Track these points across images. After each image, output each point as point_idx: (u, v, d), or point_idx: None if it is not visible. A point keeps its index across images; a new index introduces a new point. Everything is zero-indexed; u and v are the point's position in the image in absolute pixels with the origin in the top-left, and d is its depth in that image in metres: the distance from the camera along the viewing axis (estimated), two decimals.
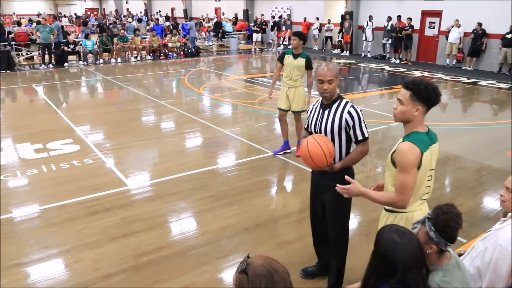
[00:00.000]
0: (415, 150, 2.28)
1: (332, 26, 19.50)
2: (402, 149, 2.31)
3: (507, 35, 13.55)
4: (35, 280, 3.46)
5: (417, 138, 2.32)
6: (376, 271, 1.91)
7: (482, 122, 8.48)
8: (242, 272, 1.51)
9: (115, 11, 37.37)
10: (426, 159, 2.33)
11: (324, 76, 2.88)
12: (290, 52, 5.91)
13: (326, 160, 2.76)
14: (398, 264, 1.83)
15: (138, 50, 17.43)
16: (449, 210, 2.04)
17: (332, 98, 2.97)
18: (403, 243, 1.85)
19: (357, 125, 2.88)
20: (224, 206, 4.75)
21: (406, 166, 2.29)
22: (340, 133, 2.93)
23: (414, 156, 2.28)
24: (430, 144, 2.37)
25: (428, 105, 2.33)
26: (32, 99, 10.64)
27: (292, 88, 5.99)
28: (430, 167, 2.40)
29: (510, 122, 8.18)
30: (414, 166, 2.29)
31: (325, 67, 2.92)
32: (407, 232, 1.94)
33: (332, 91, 2.92)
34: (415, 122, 2.36)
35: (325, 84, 2.89)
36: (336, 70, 2.92)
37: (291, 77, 5.93)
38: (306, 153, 2.79)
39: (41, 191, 5.13)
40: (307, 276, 3.53)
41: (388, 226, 2.00)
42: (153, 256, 3.77)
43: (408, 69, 15.00)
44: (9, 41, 16.24)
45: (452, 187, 5.50)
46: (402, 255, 1.83)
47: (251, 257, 1.58)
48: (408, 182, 2.29)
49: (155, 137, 7.35)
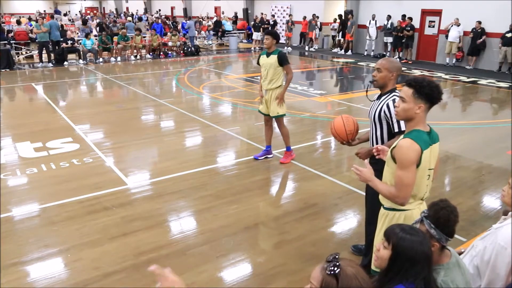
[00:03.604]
0: (415, 147, 2.29)
1: (337, 25, 19.45)
2: (402, 145, 2.32)
3: (506, 34, 13.55)
4: (34, 279, 3.46)
5: (418, 136, 2.32)
6: (393, 271, 1.84)
7: (481, 121, 8.48)
8: (333, 275, 1.41)
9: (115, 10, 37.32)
10: (426, 158, 2.33)
11: (376, 64, 3.18)
12: (264, 53, 5.72)
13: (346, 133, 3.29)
14: (417, 261, 1.79)
15: (138, 49, 17.41)
16: (446, 205, 2.06)
17: (384, 88, 3.16)
18: (418, 241, 1.81)
19: (393, 117, 3.03)
20: (223, 205, 4.75)
21: (405, 162, 2.29)
22: (381, 122, 3.15)
23: (414, 152, 2.28)
24: (430, 143, 2.37)
25: (431, 103, 2.33)
26: (31, 98, 10.63)
27: (269, 91, 5.71)
28: (429, 166, 2.40)
29: (510, 121, 8.17)
30: (413, 162, 2.29)
31: (382, 58, 3.21)
32: (418, 229, 1.92)
33: (380, 79, 3.13)
34: (417, 119, 2.36)
35: (375, 71, 3.16)
36: (388, 62, 3.12)
37: (266, 77, 5.64)
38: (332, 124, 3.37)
39: (41, 190, 5.13)
40: (355, 253, 3.82)
41: (398, 226, 1.94)
42: (153, 255, 3.77)
43: (408, 68, 14.99)
44: (9, 40, 16.23)
45: (452, 186, 5.50)
46: (419, 252, 1.79)
47: (342, 260, 1.47)
48: (407, 178, 2.30)
49: (154, 136, 7.35)
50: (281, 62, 5.52)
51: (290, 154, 6.07)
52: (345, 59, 17.68)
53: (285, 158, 6.03)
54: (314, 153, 6.67)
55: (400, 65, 3.19)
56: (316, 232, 4.20)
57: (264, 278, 3.49)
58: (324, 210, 4.70)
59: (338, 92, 11.90)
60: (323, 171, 5.76)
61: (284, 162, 5.99)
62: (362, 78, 13.82)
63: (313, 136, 7.48)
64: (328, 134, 7.48)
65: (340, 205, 4.80)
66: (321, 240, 4.06)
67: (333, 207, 4.78)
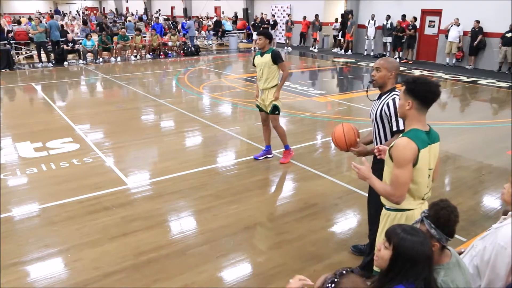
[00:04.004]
0: (411, 146, 2.30)
1: (338, 25, 19.44)
2: (399, 144, 2.34)
3: (506, 34, 13.54)
4: (34, 279, 3.46)
5: (416, 135, 2.33)
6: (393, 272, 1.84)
7: (481, 121, 8.48)
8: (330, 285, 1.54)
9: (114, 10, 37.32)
10: (424, 157, 2.33)
11: (374, 64, 3.21)
12: (259, 53, 5.75)
13: (346, 144, 3.28)
14: (417, 262, 1.79)
15: (138, 49, 17.41)
16: (447, 205, 2.06)
17: (384, 88, 3.19)
18: (419, 241, 1.82)
19: (392, 116, 3.08)
20: (223, 205, 4.75)
21: (401, 161, 2.31)
22: (382, 121, 3.18)
23: (410, 151, 2.29)
24: (429, 143, 2.37)
25: (421, 101, 2.35)
26: (31, 98, 10.63)
27: (265, 91, 5.75)
28: (429, 166, 2.40)
29: (510, 121, 8.17)
30: (409, 161, 2.30)
31: (381, 58, 3.25)
32: (419, 230, 1.92)
33: (379, 79, 3.16)
34: (411, 117, 2.39)
35: (374, 70, 3.20)
36: (387, 62, 3.15)
37: (261, 76, 5.68)
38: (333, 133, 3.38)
39: (41, 190, 5.13)
40: (355, 253, 3.82)
41: (399, 226, 1.94)
42: (153, 255, 3.77)
43: (408, 68, 14.99)
44: (9, 40, 16.23)
45: (452, 186, 5.50)
46: (420, 253, 1.79)
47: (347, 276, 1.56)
48: (403, 177, 2.30)
49: (154, 136, 7.35)
50: (275, 60, 5.53)
51: (289, 153, 6.06)
52: (345, 59, 17.69)
53: (285, 157, 6.03)
54: (314, 153, 6.67)
55: (398, 65, 3.22)
56: (316, 232, 4.20)
57: (264, 278, 3.49)
58: (324, 210, 4.70)
59: (338, 92, 11.90)
60: (323, 171, 5.76)
61: (284, 162, 5.98)
62: (362, 78, 13.81)
63: (313, 136, 7.48)
64: (328, 134, 7.48)
65: (340, 205, 4.80)
66: (321, 240, 4.06)
67: (333, 207, 4.78)
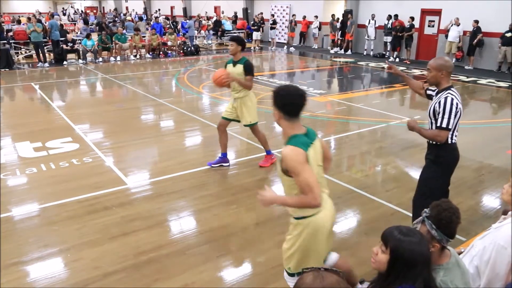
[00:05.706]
0: (298, 151, 2.34)
1: (339, 25, 19.43)
2: (286, 154, 2.37)
3: (506, 33, 13.55)
4: (34, 278, 3.46)
5: (297, 141, 2.39)
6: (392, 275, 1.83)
7: (481, 120, 8.49)
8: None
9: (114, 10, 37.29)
10: (311, 156, 2.40)
11: (428, 64, 3.37)
12: (230, 61, 5.53)
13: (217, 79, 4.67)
14: (416, 263, 1.78)
15: (137, 48, 17.40)
16: (449, 206, 2.06)
17: (440, 86, 3.34)
18: (416, 242, 1.80)
19: (441, 113, 3.23)
20: (223, 204, 4.76)
21: (297, 166, 2.32)
22: (435, 117, 3.32)
23: (300, 156, 2.33)
24: (310, 142, 2.44)
25: (285, 112, 2.43)
26: (31, 97, 10.63)
27: (238, 100, 5.55)
28: (317, 162, 2.49)
29: (509, 120, 8.18)
30: (303, 163, 2.33)
31: (433, 58, 3.40)
32: (415, 230, 1.90)
33: (431, 79, 3.35)
34: (284, 126, 2.49)
35: (427, 71, 3.38)
36: (435, 62, 3.32)
37: (234, 87, 5.47)
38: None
39: (41, 189, 5.13)
40: None
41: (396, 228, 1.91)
42: (153, 255, 3.77)
43: (407, 68, 15.00)
44: (8, 39, 16.21)
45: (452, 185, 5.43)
46: (418, 254, 1.78)
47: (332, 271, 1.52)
48: (309, 178, 2.31)
49: (154, 136, 7.35)
50: (246, 71, 5.35)
51: (271, 158, 5.92)
52: (345, 58, 17.69)
53: (265, 161, 5.91)
54: None
55: (449, 64, 3.31)
56: None
57: (264, 278, 3.49)
58: None
59: (338, 92, 11.90)
60: None
61: (264, 165, 5.85)
62: (362, 78, 13.82)
63: None
64: (328, 134, 7.49)
65: (340, 204, 4.80)
66: None
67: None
